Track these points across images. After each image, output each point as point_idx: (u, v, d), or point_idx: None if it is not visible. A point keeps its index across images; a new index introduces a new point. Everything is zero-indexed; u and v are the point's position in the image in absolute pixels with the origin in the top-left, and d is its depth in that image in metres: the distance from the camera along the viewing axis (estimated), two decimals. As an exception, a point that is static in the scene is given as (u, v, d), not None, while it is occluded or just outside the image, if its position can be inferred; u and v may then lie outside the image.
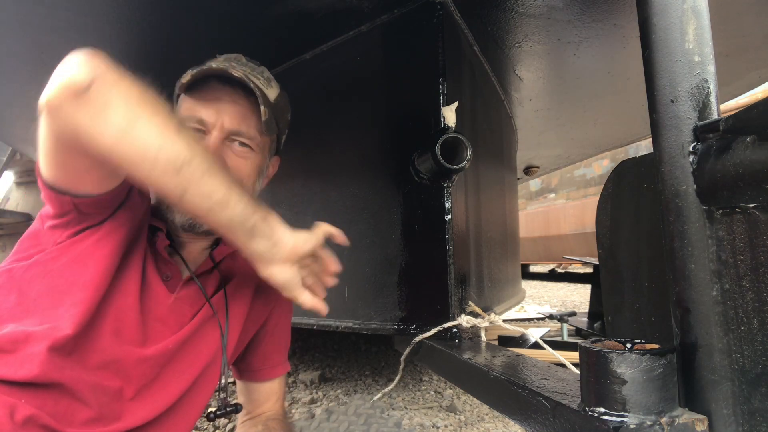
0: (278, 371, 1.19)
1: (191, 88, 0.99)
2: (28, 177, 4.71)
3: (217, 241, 1.09)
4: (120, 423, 0.85)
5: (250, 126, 1.00)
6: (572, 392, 0.71)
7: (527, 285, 7.27)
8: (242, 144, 1.00)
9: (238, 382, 1.22)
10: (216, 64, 1.01)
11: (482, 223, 1.59)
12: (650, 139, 0.68)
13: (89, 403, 0.82)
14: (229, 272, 1.07)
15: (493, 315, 1.22)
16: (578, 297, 6.54)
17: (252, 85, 0.96)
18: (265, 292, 1.13)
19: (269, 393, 1.19)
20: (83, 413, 0.82)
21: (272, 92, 1.04)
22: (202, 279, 1.01)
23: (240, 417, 1.18)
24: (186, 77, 0.97)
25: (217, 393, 1.04)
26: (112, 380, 0.85)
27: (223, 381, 1.04)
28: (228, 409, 1.04)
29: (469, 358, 1.01)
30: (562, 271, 8.71)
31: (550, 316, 3.28)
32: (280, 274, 0.84)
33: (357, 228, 1.48)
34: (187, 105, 1.00)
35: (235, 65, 1.00)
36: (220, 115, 0.98)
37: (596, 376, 0.59)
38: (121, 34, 1.42)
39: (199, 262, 1.04)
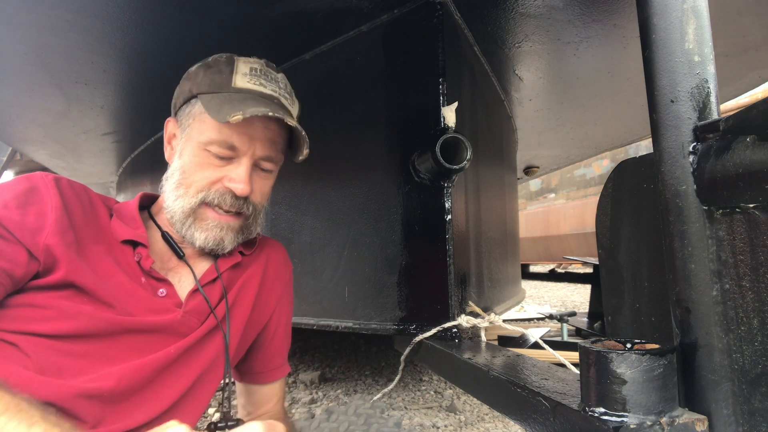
0: (279, 373, 1.19)
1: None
2: (28, 177, 4.71)
3: None
4: (115, 426, 0.84)
5: (278, 150, 1.02)
6: (572, 392, 0.71)
7: (527, 285, 7.27)
8: (267, 170, 1.02)
9: (238, 384, 1.22)
10: (248, 83, 0.97)
11: (482, 223, 1.59)
12: (650, 139, 0.68)
13: (83, 417, 0.82)
14: (230, 281, 1.07)
15: (493, 315, 1.22)
16: (578, 297, 6.54)
17: (293, 125, 0.95)
18: (265, 296, 1.13)
19: (270, 395, 1.19)
20: (79, 427, 0.81)
21: (296, 108, 1.05)
22: (206, 289, 1.01)
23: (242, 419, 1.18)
24: (235, 116, 0.87)
25: (219, 404, 1.04)
26: (105, 390, 0.84)
27: (226, 393, 1.04)
28: (230, 423, 1.04)
29: (469, 358, 1.01)
30: (562, 271, 8.72)
31: (550, 316, 3.27)
32: None
33: (357, 228, 1.48)
34: (213, 126, 0.95)
35: (266, 84, 0.99)
36: (253, 143, 0.96)
37: (596, 376, 0.59)
38: (121, 34, 1.42)
39: (201, 271, 1.04)
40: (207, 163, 0.96)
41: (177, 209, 0.97)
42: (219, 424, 1.03)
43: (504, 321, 1.21)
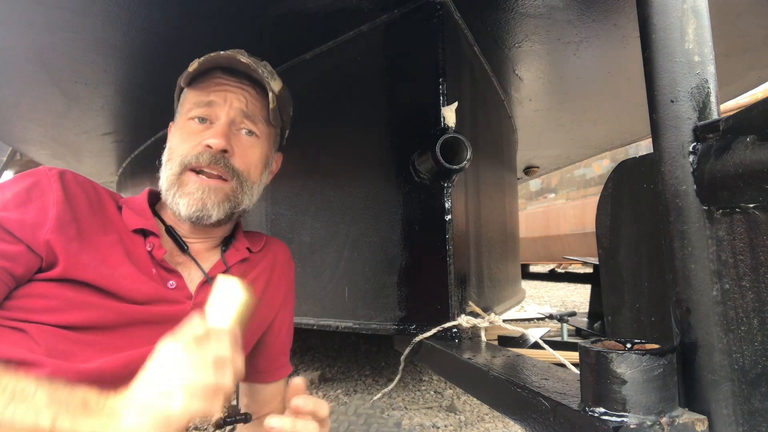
0: (283, 372, 1.19)
1: (195, 80, 1.00)
2: (28, 177, 4.71)
3: (226, 242, 1.09)
4: None
5: (257, 112, 1.02)
6: (572, 392, 0.71)
7: (527, 285, 7.27)
8: (249, 132, 1.02)
9: (241, 384, 1.22)
10: (223, 53, 1.01)
11: (482, 223, 1.59)
12: (650, 139, 0.68)
13: None
14: (239, 275, 1.07)
15: (493, 315, 1.22)
16: (578, 297, 6.54)
17: (258, 74, 0.98)
18: (271, 295, 1.13)
19: (274, 394, 1.19)
20: None
21: (276, 84, 1.05)
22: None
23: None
24: (193, 65, 0.97)
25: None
26: (109, 370, 0.85)
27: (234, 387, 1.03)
28: (237, 418, 1.04)
29: (469, 358, 1.01)
30: (562, 271, 8.72)
31: (550, 316, 3.28)
32: None
33: (357, 228, 1.48)
34: (191, 96, 1.01)
35: (240, 56, 1.01)
36: (228, 98, 0.99)
37: (596, 376, 0.59)
38: (121, 34, 1.42)
39: (209, 264, 1.04)
40: (188, 132, 0.99)
41: (164, 182, 0.98)
42: (227, 419, 1.02)
43: (504, 321, 1.21)
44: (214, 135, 0.96)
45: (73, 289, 0.85)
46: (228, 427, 1.04)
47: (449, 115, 1.24)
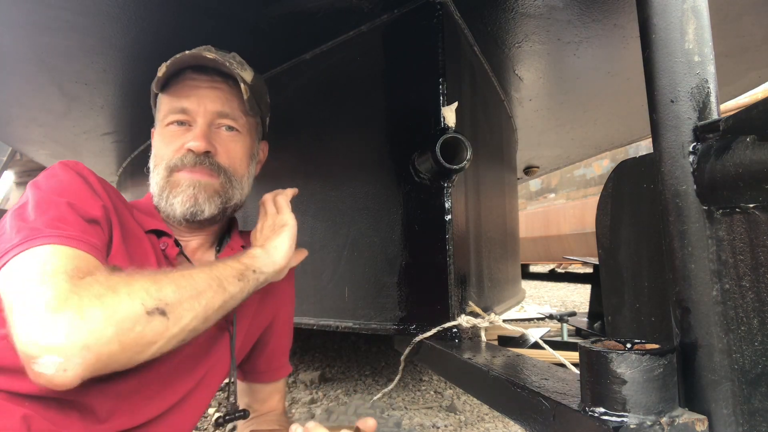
0: (282, 373, 1.19)
1: (167, 86, 1.00)
2: (28, 177, 4.72)
3: (221, 242, 1.09)
4: (124, 420, 0.84)
5: (234, 108, 1.02)
6: (572, 392, 0.71)
7: (527, 285, 7.27)
8: (229, 128, 1.02)
9: (240, 383, 1.22)
10: (188, 52, 1.01)
11: (482, 223, 1.59)
12: (650, 139, 0.68)
13: (97, 412, 0.82)
14: None
15: (493, 315, 1.22)
16: (578, 297, 6.54)
17: (226, 68, 0.98)
18: (270, 294, 1.13)
19: (273, 393, 1.19)
20: (90, 420, 0.81)
21: (248, 74, 1.05)
22: None
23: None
24: (161, 70, 0.97)
25: (225, 397, 1.04)
26: (120, 384, 0.85)
27: (232, 386, 1.04)
28: (237, 415, 1.04)
29: (469, 358, 1.01)
30: (562, 271, 8.72)
31: (550, 316, 3.28)
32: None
33: (357, 228, 1.48)
34: (166, 101, 1.01)
35: (206, 52, 1.01)
36: (202, 101, 0.99)
37: (596, 376, 0.59)
38: (120, 34, 1.42)
39: (204, 263, 1.04)
40: (169, 136, 1.00)
41: (155, 187, 0.99)
42: (227, 417, 1.03)
43: (504, 321, 1.21)
44: (195, 138, 0.96)
45: None
46: (228, 425, 1.04)
47: (449, 115, 1.24)
